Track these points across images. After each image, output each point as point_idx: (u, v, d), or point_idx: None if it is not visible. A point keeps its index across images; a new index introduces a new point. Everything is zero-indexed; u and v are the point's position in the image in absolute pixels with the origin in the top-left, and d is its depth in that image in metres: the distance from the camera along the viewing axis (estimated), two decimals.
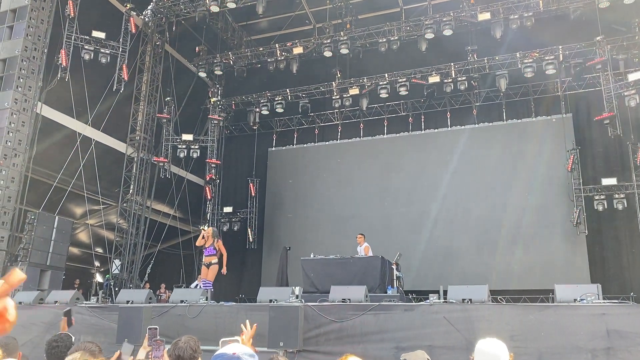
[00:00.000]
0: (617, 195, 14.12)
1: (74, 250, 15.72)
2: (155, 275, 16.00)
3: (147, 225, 15.93)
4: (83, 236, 16.24)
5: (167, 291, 15.21)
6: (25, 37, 12.19)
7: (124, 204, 15.46)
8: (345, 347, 7.07)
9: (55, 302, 9.26)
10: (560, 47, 14.75)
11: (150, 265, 15.60)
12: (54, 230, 12.55)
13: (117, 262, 15.03)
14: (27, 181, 12.22)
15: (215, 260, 10.90)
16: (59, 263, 12.64)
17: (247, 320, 2.39)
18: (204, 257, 11.18)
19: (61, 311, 8.75)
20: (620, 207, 14.01)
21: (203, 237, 11.13)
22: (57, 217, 12.82)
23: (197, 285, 11.36)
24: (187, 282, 16.16)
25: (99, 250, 16.26)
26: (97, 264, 16.42)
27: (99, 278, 16.70)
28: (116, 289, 14.03)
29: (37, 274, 11.88)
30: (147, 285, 15.14)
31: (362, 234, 12.22)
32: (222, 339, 2.25)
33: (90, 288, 15.39)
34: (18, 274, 1.92)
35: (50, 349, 3.66)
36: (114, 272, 14.98)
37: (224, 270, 11.08)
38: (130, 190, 15.58)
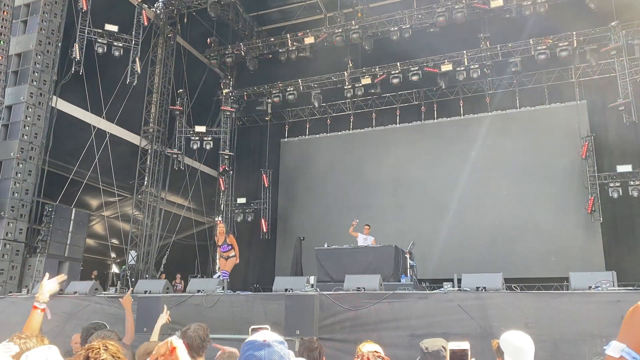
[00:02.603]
0: (632, 182, 14.00)
1: (91, 241, 15.91)
2: (171, 266, 16.18)
3: (162, 216, 16.11)
4: (99, 228, 16.43)
5: (182, 281, 15.39)
6: (39, 32, 12.31)
7: (139, 196, 15.63)
8: (360, 335, 7.13)
9: (75, 292, 9.45)
10: (574, 33, 14.57)
11: (165, 256, 15.77)
12: (71, 222, 12.78)
13: (133, 253, 15.23)
14: (43, 174, 12.39)
15: (233, 254, 11.25)
16: (76, 254, 12.88)
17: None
18: (221, 252, 11.46)
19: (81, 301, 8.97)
20: (635, 193, 13.91)
21: (216, 235, 11.56)
22: (73, 209, 13.02)
23: (218, 276, 11.64)
24: (202, 272, 16.35)
25: (115, 241, 16.46)
26: (113, 255, 16.63)
27: (115, 269, 16.92)
28: (132, 279, 14.24)
29: (55, 265, 12.10)
30: (163, 275, 15.32)
31: (368, 225, 12.39)
32: (251, 327, 2.33)
33: (106, 279, 15.62)
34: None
35: (87, 335, 3.80)
36: (130, 263, 15.19)
37: (237, 260, 11.49)
38: (145, 182, 15.74)
